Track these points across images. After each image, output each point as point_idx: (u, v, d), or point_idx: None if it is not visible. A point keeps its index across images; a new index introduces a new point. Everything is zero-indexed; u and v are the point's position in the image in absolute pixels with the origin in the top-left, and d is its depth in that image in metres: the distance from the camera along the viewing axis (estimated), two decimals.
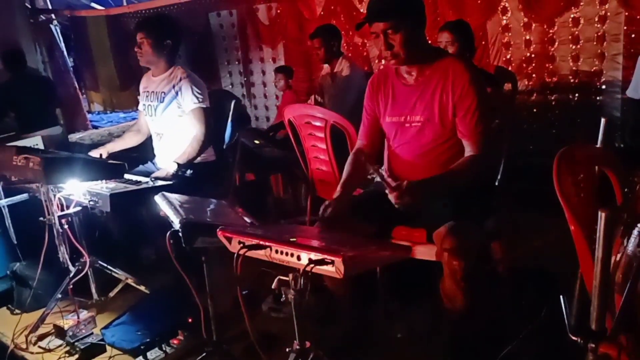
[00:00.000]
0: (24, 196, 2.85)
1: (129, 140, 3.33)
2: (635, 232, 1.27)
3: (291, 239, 1.58)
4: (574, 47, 4.18)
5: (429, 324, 2.37)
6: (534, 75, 4.45)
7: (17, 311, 2.87)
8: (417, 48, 2.08)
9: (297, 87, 5.82)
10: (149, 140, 3.31)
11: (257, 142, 3.95)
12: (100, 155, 3.03)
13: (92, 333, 2.57)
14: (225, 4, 6.76)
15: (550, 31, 4.27)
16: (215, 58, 7.18)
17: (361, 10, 5.30)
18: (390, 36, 2.03)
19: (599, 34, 4.01)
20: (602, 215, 1.00)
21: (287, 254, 1.53)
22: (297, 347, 1.71)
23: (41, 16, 7.99)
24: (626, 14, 3.85)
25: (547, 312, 2.07)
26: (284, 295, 1.64)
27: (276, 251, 1.56)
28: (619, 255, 1.29)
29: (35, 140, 3.63)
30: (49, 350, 2.53)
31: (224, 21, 6.94)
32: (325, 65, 4.12)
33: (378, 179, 2.50)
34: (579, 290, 1.51)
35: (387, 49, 2.05)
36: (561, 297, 1.19)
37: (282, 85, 5.36)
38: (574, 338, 1.09)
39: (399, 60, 2.09)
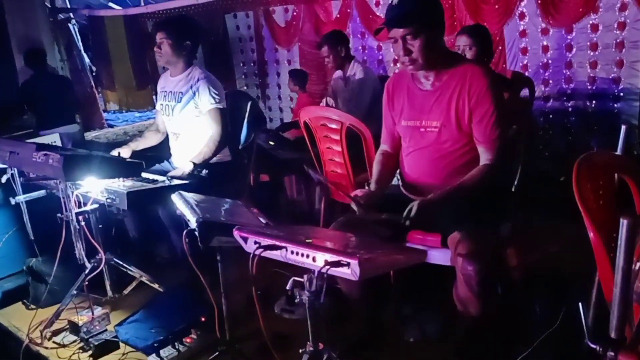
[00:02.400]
0: (42, 192, 2.87)
1: (150, 140, 3.36)
2: None
3: (307, 240, 1.58)
4: (592, 53, 4.14)
5: (441, 328, 2.36)
6: (550, 81, 4.42)
7: (33, 306, 2.89)
8: (435, 54, 2.08)
9: (312, 89, 5.83)
10: (165, 139, 3.33)
11: (272, 143, 3.96)
12: (119, 153, 3.05)
13: (106, 330, 2.59)
14: (241, 5, 6.79)
15: (568, 37, 4.24)
16: (230, 59, 7.22)
17: (377, 14, 5.30)
18: (409, 42, 2.03)
19: (618, 40, 3.98)
20: (624, 223, 0.99)
21: (302, 255, 1.53)
22: (311, 348, 1.71)
23: (60, 15, 8.08)
24: None
25: (562, 319, 2.05)
26: (298, 297, 1.64)
27: (292, 252, 1.56)
28: (638, 264, 1.28)
29: (53, 138, 3.67)
30: (63, 346, 2.55)
31: (240, 23, 6.97)
32: (338, 70, 4.12)
33: (392, 182, 2.50)
34: (596, 297, 1.50)
35: (405, 54, 2.05)
36: (580, 304, 1.19)
37: (296, 89, 5.40)
38: (592, 345, 1.08)
39: (416, 66, 2.10)
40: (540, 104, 4.45)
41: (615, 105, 4.11)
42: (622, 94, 4.06)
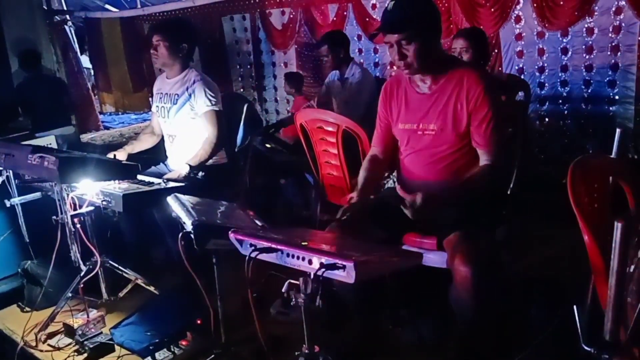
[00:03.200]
0: (37, 195, 2.87)
1: (145, 142, 3.35)
2: None
3: (303, 243, 1.58)
4: (587, 56, 4.16)
5: (437, 332, 2.36)
6: (546, 84, 4.43)
7: (28, 309, 2.89)
8: (430, 58, 2.08)
9: (309, 91, 5.83)
10: (161, 141, 3.33)
11: (268, 145, 3.96)
12: (114, 156, 3.05)
13: (101, 332, 2.59)
14: (238, 8, 6.79)
15: (564, 40, 4.25)
16: (227, 61, 7.21)
17: (374, 17, 5.31)
18: (404, 46, 2.03)
19: (613, 44, 3.99)
20: (618, 226, 0.99)
21: (298, 257, 1.53)
22: (306, 351, 1.70)
23: (56, 17, 8.07)
24: None
25: (557, 322, 2.06)
26: (293, 299, 1.64)
27: (287, 255, 1.56)
28: (632, 267, 1.28)
29: (48, 140, 3.67)
30: (58, 349, 2.55)
31: (236, 25, 6.97)
32: (334, 71, 4.12)
33: (389, 185, 2.51)
34: (591, 300, 1.50)
35: (400, 59, 2.06)
36: (574, 307, 1.19)
37: (292, 92, 5.40)
38: (587, 348, 1.08)
39: (412, 70, 2.10)
40: (535, 107, 4.46)
41: (611, 108, 4.12)
42: (617, 97, 4.07)
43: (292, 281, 1.61)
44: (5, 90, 5.63)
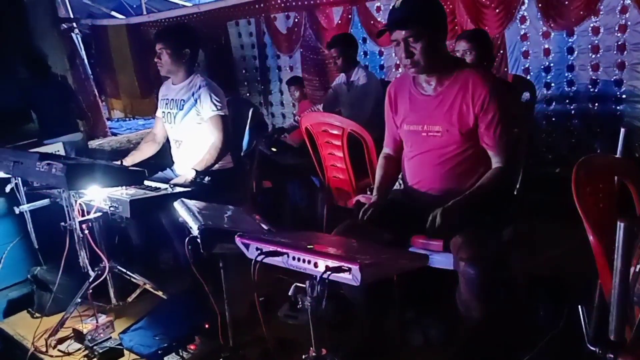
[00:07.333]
0: (46, 201, 2.89)
1: (146, 151, 3.35)
2: None
3: (308, 246, 1.59)
4: (593, 56, 4.15)
5: (445, 333, 2.35)
6: (552, 84, 4.42)
7: (37, 315, 2.91)
8: (437, 57, 2.09)
9: (314, 95, 5.85)
10: (167, 147, 3.34)
11: (274, 149, 3.98)
12: (121, 161, 3.07)
13: (110, 337, 2.61)
14: (243, 13, 6.83)
15: (570, 40, 4.24)
16: (232, 66, 7.24)
17: (379, 19, 5.31)
18: (411, 44, 2.04)
19: (619, 43, 3.98)
20: (621, 225, 0.99)
21: (304, 261, 1.54)
22: (313, 353, 1.71)
23: (63, 25, 8.13)
24: None
25: (564, 322, 2.05)
26: (300, 302, 1.65)
27: (293, 258, 1.57)
28: (638, 267, 1.28)
29: (56, 147, 3.69)
30: (68, 354, 2.56)
31: (242, 30, 7.00)
32: (341, 74, 4.14)
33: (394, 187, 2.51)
34: (598, 300, 1.50)
35: (407, 57, 2.06)
36: (579, 307, 1.19)
37: (297, 96, 5.42)
38: (592, 348, 1.08)
39: (418, 69, 2.10)
40: (542, 107, 4.45)
41: (618, 107, 4.11)
42: (624, 96, 4.06)
43: (299, 284, 1.62)
44: (15, 96, 5.67)
